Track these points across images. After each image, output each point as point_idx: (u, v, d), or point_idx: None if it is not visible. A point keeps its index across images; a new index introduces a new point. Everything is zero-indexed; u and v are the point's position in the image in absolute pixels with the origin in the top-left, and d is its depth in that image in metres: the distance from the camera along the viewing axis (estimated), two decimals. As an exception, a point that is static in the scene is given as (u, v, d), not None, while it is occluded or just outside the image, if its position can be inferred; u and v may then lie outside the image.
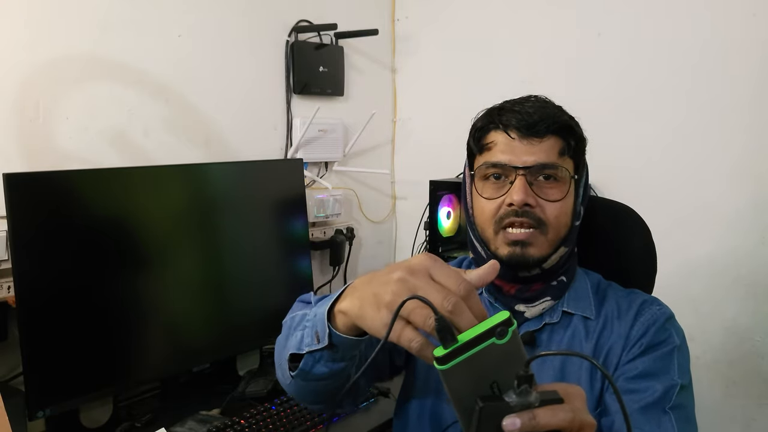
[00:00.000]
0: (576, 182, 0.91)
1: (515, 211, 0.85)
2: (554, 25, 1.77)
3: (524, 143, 0.86)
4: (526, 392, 0.54)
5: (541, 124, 0.86)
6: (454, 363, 0.53)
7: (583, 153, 0.93)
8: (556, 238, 0.88)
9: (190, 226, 1.41)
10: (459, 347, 0.53)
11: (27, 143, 1.33)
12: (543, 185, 0.87)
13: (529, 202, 0.85)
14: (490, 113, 0.91)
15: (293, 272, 1.64)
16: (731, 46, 1.48)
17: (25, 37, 1.31)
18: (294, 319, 0.80)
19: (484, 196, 0.90)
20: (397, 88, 2.20)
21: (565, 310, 0.92)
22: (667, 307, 0.92)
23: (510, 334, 0.53)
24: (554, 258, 0.89)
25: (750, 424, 1.52)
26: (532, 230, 0.86)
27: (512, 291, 0.92)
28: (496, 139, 0.89)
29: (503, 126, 0.88)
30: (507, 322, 0.53)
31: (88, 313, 1.22)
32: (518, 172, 0.85)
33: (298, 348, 0.73)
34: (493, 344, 0.53)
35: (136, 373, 1.31)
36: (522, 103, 0.89)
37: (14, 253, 1.13)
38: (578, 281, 0.95)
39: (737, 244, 1.50)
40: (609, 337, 0.89)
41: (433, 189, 1.74)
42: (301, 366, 0.74)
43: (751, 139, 1.47)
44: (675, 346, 0.86)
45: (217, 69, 1.66)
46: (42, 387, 1.16)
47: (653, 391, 0.82)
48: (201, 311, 1.44)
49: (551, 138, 0.87)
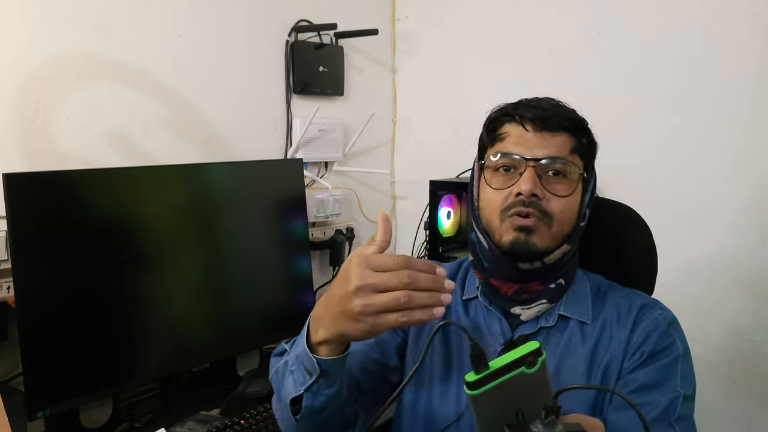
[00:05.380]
0: (584, 181, 0.91)
1: (522, 201, 0.86)
2: (554, 25, 1.77)
3: (537, 136, 0.88)
4: (552, 424, 0.55)
5: (555, 119, 0.88)
6: (484, 389, 0.55)
7: (593, 156, 0.94)
8: (561, 233, 0.88)
9: (189, 226, 1.41)
10: (490, 374, 0.55)
11: (27, 143, 1.33)
12: (551, 180, 0.87)
13: (537, 193, 0.85)
14: (505, 107, 0.93)
15: (293, 272, 1.64)
16: (731, 45, 1.48)
17: (25, 37, 1.31)
18: (278, 373, 0.85)
19: (492, 186, 0.90)
20: (397, 88, 2.20)
21: (561, 313, 0.91)
22: (669, 310, 0.90)
23: (539, 364, 0.55)
24: (557, 253, 0.89)
25: (751, 424, 1.52)
26: (537, 219, 0.86)
27: (509, 292, 0.91)
28: (509, 131, 0.90)
29: (519, 117, 0.89)
30: (537, 352, 0.55)
31: (88, 313, 1.22)
32: (528, 164, 0.86)
33: (296, 390, 0.78)
34: (523, 373, 0.55)
35: (136, 373, 1.31)
36: (538, 100, 0.92)
37: (14, 253, 1.12)
38: (577, 284, 0.94)
39: (737, 244, 1.50)
40: (608, 343, 0.88)
41: (433, 189, 1.74)
42: (304, 404, 0.79)
43: (751, 139, 1.47)
44: (678, 355, 0.85)
45: (217, 69, 1.66)
46: (42, 387, 1.16)
47: (656, 405, 0.80)
48: (201, 311, 1.44)
49: (564, 134, 0.88)
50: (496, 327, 0.92)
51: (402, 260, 0.68)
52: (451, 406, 0.90)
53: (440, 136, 2.04)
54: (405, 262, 0.68)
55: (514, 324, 0.92)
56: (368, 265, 0.69)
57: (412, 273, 0.67)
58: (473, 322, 0.95)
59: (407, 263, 0.68)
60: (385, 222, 0.73)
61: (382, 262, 0.69)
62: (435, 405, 0.92)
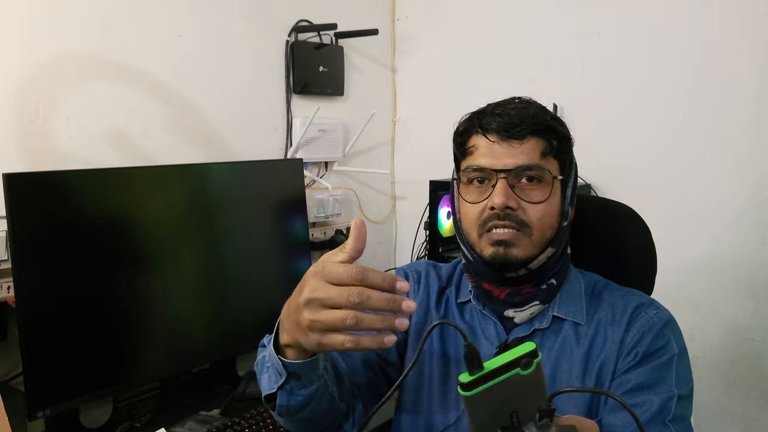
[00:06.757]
0: (562, 183, 0.89)
1: (497, 215, 0.85)
2: (554, 25, 1.77)
3: (504, 146, 0.85)
4: (546, 426, 0.54)
5: (521, 125, 0.85)
6: (478, 390, 0.54)
7: (568, 152, 0.91)
8: (542, 239, 0.87)
9: (189, 226, 1.41)
10: (484, 375, 0.54)
11: (27, 143, 1.33)
12: (525, 187, 0.86)
13: (511, 204, 0.84)
14: (471, 118, 0.91)
15: (293, 272, 1.64)
16: (731, 45, 1.48)
17: (25, 37, 1.31)
18: (258, 366, 0.84)
19: (467, 200, 0.89)
20: (397, 88, 2.20)
21: (555, 314, 0.90)
22: (665, 310, 0.89)
23: (534, 366, 0.54)
24: (541, 258, 0.88)
25: (751, 424, 1.52)
26: (515, 231, 0.85)
27: (502, 296, 0.90)
28: (477, 143, 0.88)
29: (483, 130, 0.87)
30: (532, 353, 0.54)
31: (88, 313, 1.22)
32: (499, 176, 0.85)
33: (270, 388, 0.77)
34: (518, 374, 0.54)
35: (136, 373, 1.31)
36: (504, 105, 0.89)
37: (14, 253, 1.12)
38: (571, 284, 0.93)
39: (737, 244, 1.50)
40: (602, 344, 0.87)
41: (433, 189, 1.74)
42: (278, 403, 0.78)
43: (752, 139, 1.47)
44: (673, 355, 0.84)
45: (217, 69, 1.66)
46: (42, 387, 1.16)
47: (650, 405, 0.80)
48: (201, 311, 1.44)
49: (532, 139, 0.85)
50: (491, 331, 0.92)
51: (356, 272, 0.62)
52: (450, 409, 0.90)
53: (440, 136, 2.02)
54: (359, 274, 0.62)
55: (509, 327, 0.91)
56: (323, 275, 0.64)
57: (363, 291, 0.61)
58: (469, 326, 0.95)
59: (362, 276, 0.62)
60: (358, 229, 0.66)
61: (337, 274, 0.63)
62: (434, 407, 0.92)
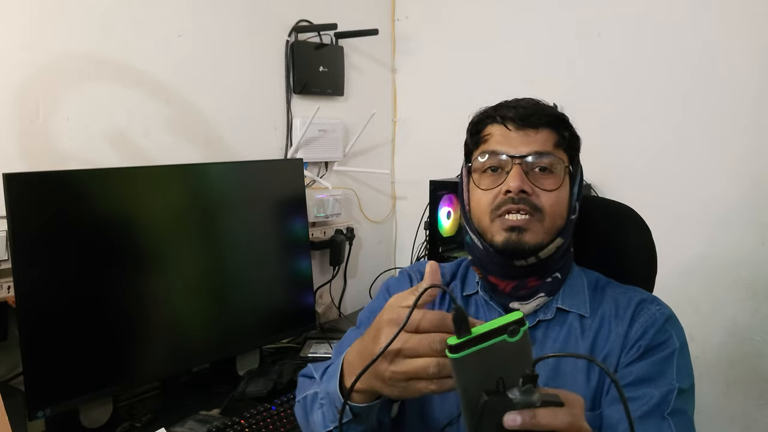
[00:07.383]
0: (571, 175, 0.92)
1: (512, 198, 0.87)
2: (554, 25, 1.77)
3: (520, 134, 0.89)
4: (529, 391, 0.56)
5: (536, 116, 0.89)
6: (465, 353, 0.55)
7: (577, 150, 0.95)
8: (553, 226, 0.89)
9: (189, 226, 1.41)
10: (472, 339, 0.55)
11: (27, 143, 1.33)
12: (538, 176, 0.88)
13: (526, 189, 0.86)
14: (486, 110, 0.95)
15: (293, 272, 1.64)
16: (731, 45, 1.48)
17: (25, 37, 1.31)
18: (307, 399, 0.84)
19: (481, 187, 0.91)
20: (397, 88, 2.20)
21: (559, 306, 0.91)
22: (666, 306, 0.90)
23: (521, 334, 0.55)
24: (551, 248, 0.89)
25: (750, 424, 1.52)
26: (528, 217, 0.87)
27: (507, 289, 0.92)
28: (492, 131, 0.92)
29: (500, 118, 0.91)
30: (520, 321, 0.55)
31: (88, 313, 1.22)
32: (514, 161, 0.88)
33: (325, 426, 0.78)
34: (505, 341, 0.55)
35: (136, 373, 1.31)
36: (517, 100, 0.93)
37: (14, 253, 1.13)
38: (574, 279, 0.95)
39: (737, 244, 1.50)
40: (607, 337, 0.88)
41: (433, 189, 1.74)
42: None
43: (752, 139, 1.47)
44: (674, 349, 0.85)
45: (217, 69, 1.67)
46: (42, 387, 1.16)
47: (650, 398, 0.81)
48: (201, 311, 1.44)
49: (546, 130, 0.90)
50: None
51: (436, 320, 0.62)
52: (453, 404, 0.90)
53: (440, 136, 2.04)
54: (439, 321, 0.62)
55: None
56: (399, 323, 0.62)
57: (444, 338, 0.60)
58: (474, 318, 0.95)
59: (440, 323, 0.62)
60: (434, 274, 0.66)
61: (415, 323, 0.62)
62: (437, 402, 0.92)
